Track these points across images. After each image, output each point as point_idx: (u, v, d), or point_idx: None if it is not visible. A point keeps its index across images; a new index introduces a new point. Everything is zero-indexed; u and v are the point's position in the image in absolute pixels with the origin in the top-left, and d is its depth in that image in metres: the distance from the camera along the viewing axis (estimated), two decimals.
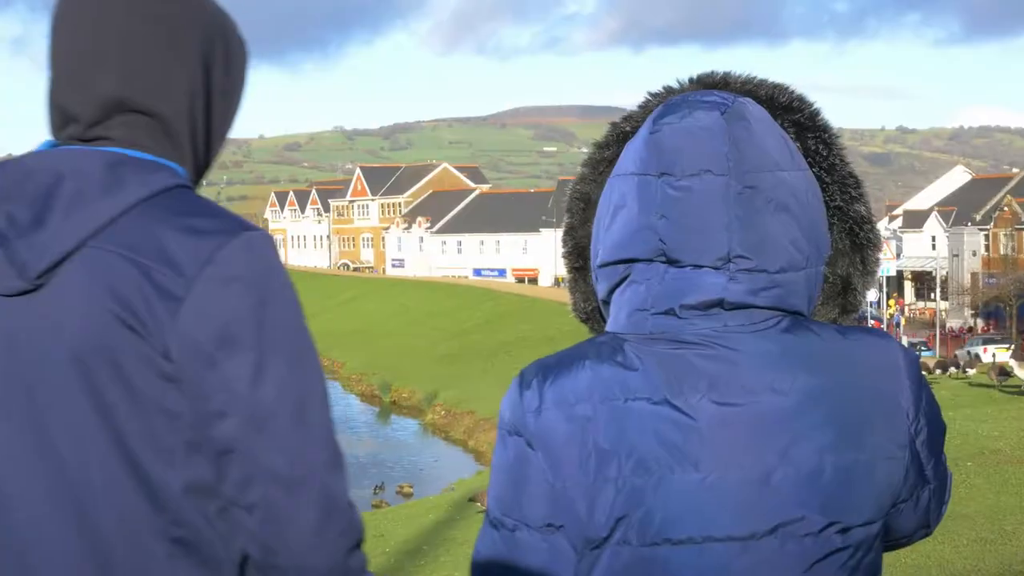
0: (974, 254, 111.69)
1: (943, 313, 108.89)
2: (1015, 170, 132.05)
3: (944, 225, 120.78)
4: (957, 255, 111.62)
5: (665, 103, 2.32)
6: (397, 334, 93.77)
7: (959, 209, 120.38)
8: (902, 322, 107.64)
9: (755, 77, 2.48)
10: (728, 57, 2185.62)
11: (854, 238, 2.44)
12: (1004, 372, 34.43)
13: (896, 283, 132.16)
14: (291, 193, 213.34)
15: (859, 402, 2.18)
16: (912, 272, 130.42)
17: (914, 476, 2.30)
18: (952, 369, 40.87)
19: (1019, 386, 31.74)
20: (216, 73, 2.41)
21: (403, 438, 62.85)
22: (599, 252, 2.31)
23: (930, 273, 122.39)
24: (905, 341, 75.66)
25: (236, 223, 2.23)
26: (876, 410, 2.20)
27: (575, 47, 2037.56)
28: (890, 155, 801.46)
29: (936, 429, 2.34)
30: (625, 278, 2.25)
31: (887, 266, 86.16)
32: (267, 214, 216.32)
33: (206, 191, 2.56)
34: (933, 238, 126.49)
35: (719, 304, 2.17)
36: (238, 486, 2.16)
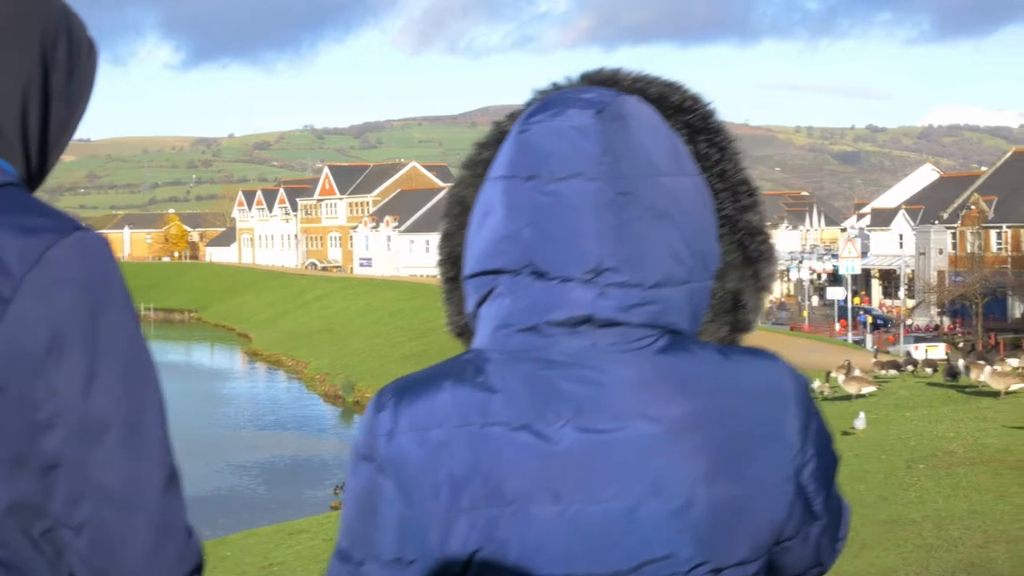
0: (940, 252, 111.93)
1: (903, 311, 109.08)
2: (983, 168, 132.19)
3: (911, 223, 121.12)
4: (923, 253, 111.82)
5: (540, 101, 2.16)
6: (362, 334, 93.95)
7: (926, 207, 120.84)
8: (868, 320, 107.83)
9: (648, 75, 2.28)
10: (700, 56, 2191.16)
11: (745, 250, 2.22)
12: (953, 373, 34.18)
13: (864, 281, 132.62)
14: (259, 192, 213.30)
15: (738, 430, 2.01)
16: (880, 270, 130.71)
17: (801, 512, 2.09)
18: (908, 368, 40.31)
19: (975, 386, 31.45)
20: (56, 76, 2.28)
21: None
22: (467, 262, 2.14)
23: (896, 272, 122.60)
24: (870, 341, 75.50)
25: (69, 223, 2.11)
26: (757, 439, 2.03)
27: (547, 46, 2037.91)
28: (860, 154, 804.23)
29: (826, 461, 2.13)
30: (493, 290, 2.08)
31: (851, 265, 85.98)
32: (235, 213, 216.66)
33: (176, 190, 2.18)
34: (900, 236, 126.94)
35: (587, 321, 2.01)
36: (66, 504, 2.04)
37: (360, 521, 2.05)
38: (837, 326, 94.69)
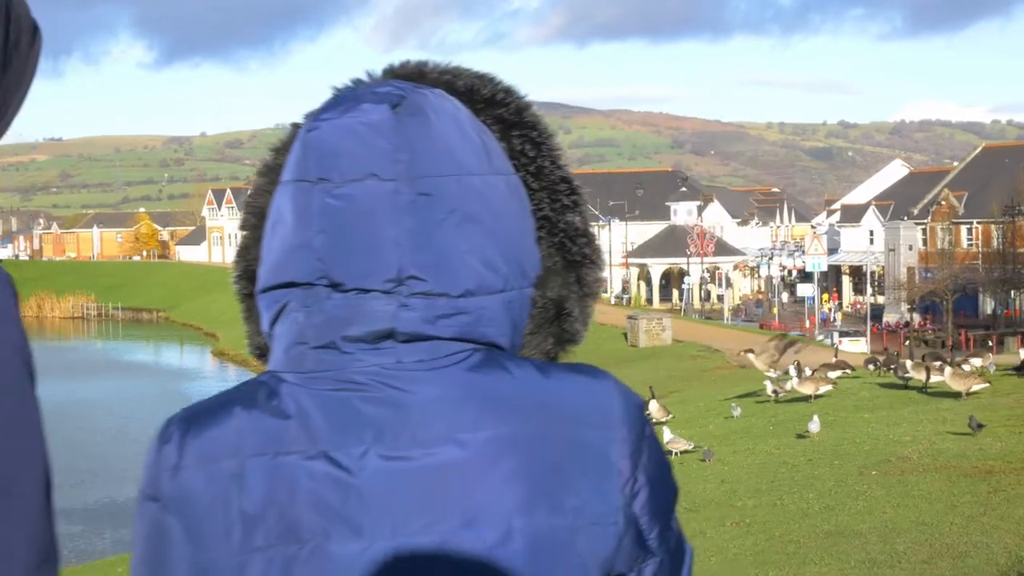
0: (910, 248, 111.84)
1: (867, 307, 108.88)
2: (955, 164, 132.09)
3: (881, 219, 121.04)
4: (893, 250, 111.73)
5: (332, 97, 2.02)
6: None
7: (896, 203, 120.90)
8: (839, 317, 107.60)
9: (458, 67, 2.12)
10: (672, 52, 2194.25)
11: (566, 254, 2.07)
12: (902, 374, 33.55)
13: (835, 278, 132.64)
14: (228, 191, 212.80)
15: (559, 455, 1.84)
16: (850, 267, 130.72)
17: (632, 546, 1.91)
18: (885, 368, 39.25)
19: (930, 388, 30.84)
20: None
21: None
22: (259, 276, 1.98)
23: (864, 268, 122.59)
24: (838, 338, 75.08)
25: None
26: (580, 465, 1.86)
27: (518, 43, 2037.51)
28: (832, 150, 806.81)
29: (661, 490, 1.95)
30: (286, 306, 1.91)
31: (818, 261, 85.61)
32: (204, 212, 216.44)
33: (148, 188, 2.06)
34: (871, 232, 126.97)
35: (390, 336, 1.84)
36: None
37: (149, 568, 1.86)
38: (807, 323, 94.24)
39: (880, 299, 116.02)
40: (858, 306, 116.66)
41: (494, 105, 2.07)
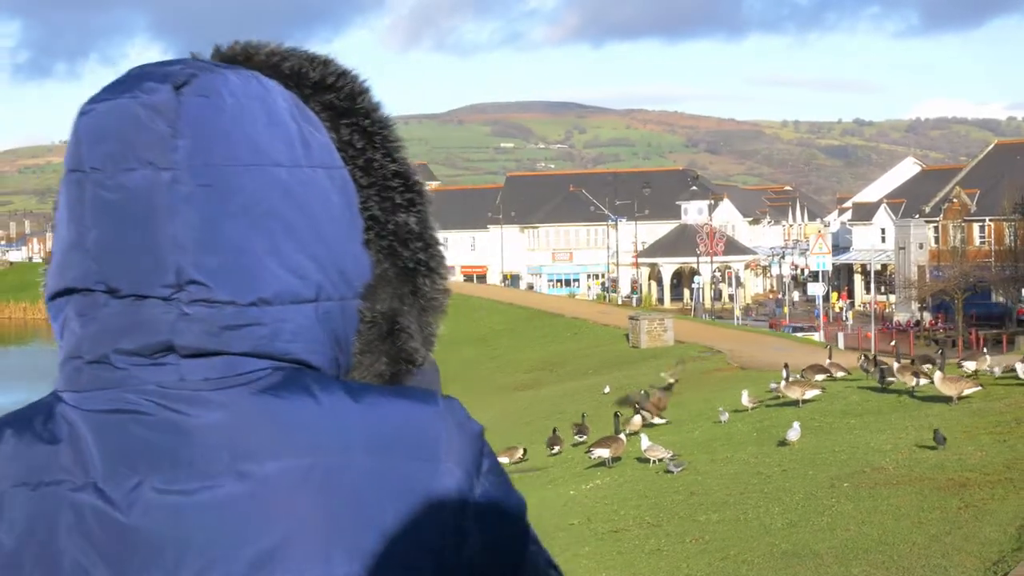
0: (920, 247, 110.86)
1: (887, 307, 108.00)
2: (968, 161, 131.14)
3: (893, 217, 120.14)
4: (903, 248, 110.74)
5: (116, 78, 1.75)
6: None
7: (908, 201, 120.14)
8: (850, 316, 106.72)
9: (290, 48, 1.85)
10: (688, 51, 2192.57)
11: (396, 260, 1.81)
12: (883, 376, 32.52)
13: (847, 276, 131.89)
14: None
15: (364, 493, 1.57)
16: (862, 265, 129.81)
17: None
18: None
19: (933, 392, 29.78)
20: None
21: None
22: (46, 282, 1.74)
23: (883, 266, 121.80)
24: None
25: None
26: (390, 505, 1.57)
27: (535, 43, 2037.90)
28: (847, 148, 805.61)
29: (500, 535, 1.64)
30: (67, 315, 1.69)
31: (822, 261, 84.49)
32: None
33: None
34: (883, 231, 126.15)
35: (169, 349, 1.59)
36: None
37: None
38: (819, 322, 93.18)
39: (892, 298, 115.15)
40: (871, 305, 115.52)
41: (324, 90, 1.81)
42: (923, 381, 29.64)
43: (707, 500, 20.88)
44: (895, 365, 31.93)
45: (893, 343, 36.05)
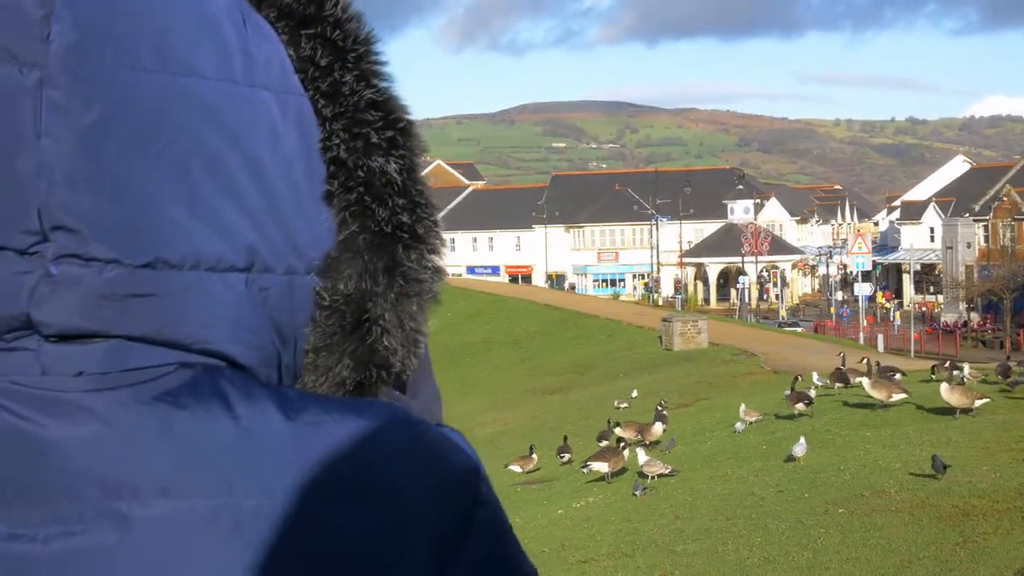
0: (968, 246, 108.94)
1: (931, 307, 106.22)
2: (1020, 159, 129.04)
3: (942, 216, 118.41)
4: (951, 247, 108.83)
5: None
6: None
7: (958, 199, 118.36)
8: (897, 317, 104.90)
9: None
10: (742, 49, 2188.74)
11: (368, 221, 1.31)
12: (842, 379, 30.91)
13: (896, 276, 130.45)
14: None
15: (292, 552, 1.11)
16: (910, 265, 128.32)
17: None
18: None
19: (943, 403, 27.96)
20: None
21: None
22: None
23: (932, 266, 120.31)
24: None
25: None
26: (333, 567, 1.12)
27: (589, 42, 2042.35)
28: (900, 146, 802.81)
29: None
30: None
31: (861, 261, 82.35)
32: None
33: None
34: (931, 229, 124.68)
35: (28, 326, 1.11)
36: None
37: None
38: (864, 322, 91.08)
39: (940, 298, 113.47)
40: (914, 305, 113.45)
41: None
42: (899, 396, 28.44)
43: (690, 527, 19.58)
44: (866, 381, 29.68)
45: (863, 361, 33.75)
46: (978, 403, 26.22)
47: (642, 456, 26.02)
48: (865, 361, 33.82)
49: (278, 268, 1.18)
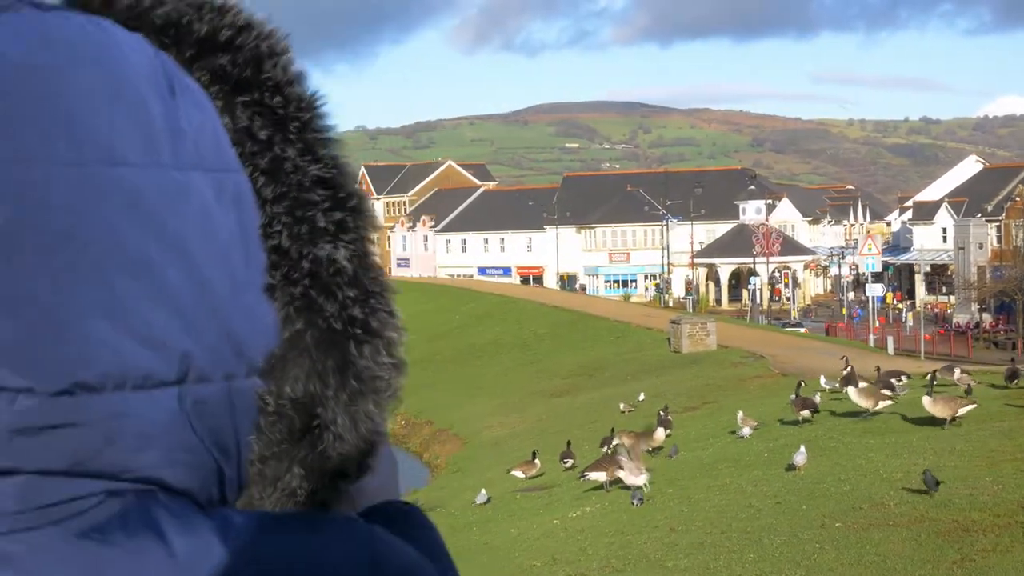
0: (981, 246, 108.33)
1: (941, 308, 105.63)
2: None
3: (954, 216, 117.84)
4: (963, 248, 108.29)
5: None
6: None
7: (970, 200, 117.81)
8: (909, 318, 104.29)
9: None
10: (756, 50, 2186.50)
11: (315, 317, 1.17)
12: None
13: (908, 277, 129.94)
14: None
15: None
16: (920, 265, 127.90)
17: None
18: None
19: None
20: None
21: None
22: None
23: (945, 267, 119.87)
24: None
25: None
26: None
27: (603, 43, 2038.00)
28: (913, 146, 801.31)
29: None
30: None
31: (871, 262, 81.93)
32: None
33: None
34: (944, 230, 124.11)
35: None
36: None
37: None
38: (876, 323, 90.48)
39: (952, 299, 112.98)
40: (924, 306, 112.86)
41: (216, 51, 1.17)
42: (884, 404, 28.23)
43: (684, 540, 19.17)
44: (852, 390, 29.32)
45: (846, 369, 33.36)
46: (963, 411, 25.69)
47: (626, 465, 25.54)
48: (846, 364, 33.52)
49: (215, 375, 1.05)
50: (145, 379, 1.00)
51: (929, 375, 29.50)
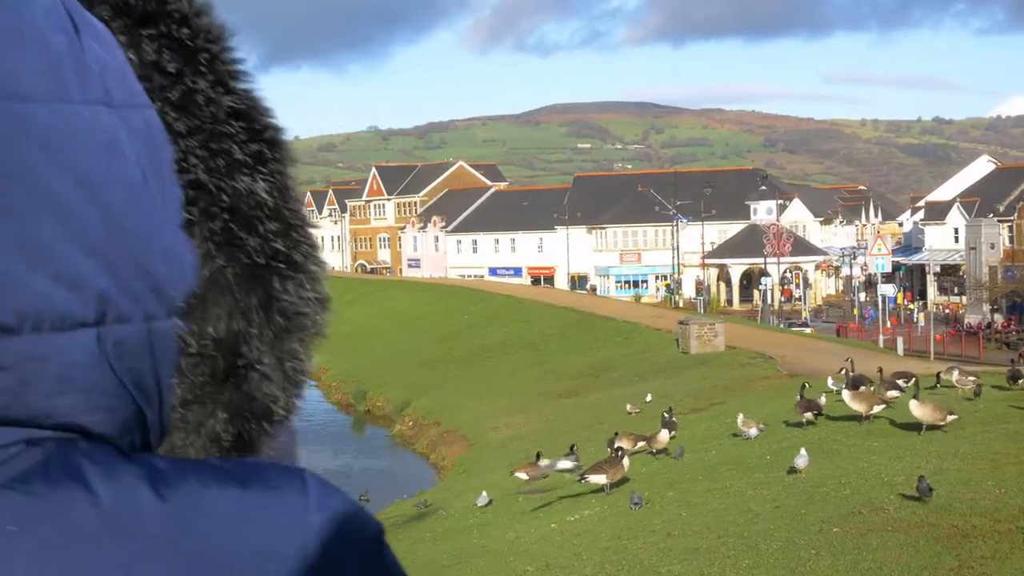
0: (992, 247, 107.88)
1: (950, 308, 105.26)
2: None
3: (966, 216, 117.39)
4: (974, 248, 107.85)
5: None
6: (383, 338, 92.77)
7: (982, 200, 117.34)
8: (920, 318, 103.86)
9: None
10: (768, 50, 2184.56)
11: (236, 252, 1.16)
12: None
13: (920, 277, 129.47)
14: (308, 194, 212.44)
15: None
16: (930, 266, 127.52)
17: None
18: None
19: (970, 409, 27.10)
20: None
21: (371, 449, 61.41)
22: None
23: (957, 267, 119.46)
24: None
25: None
26: None
27: (615, 43, 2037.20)
28: (926, 146, 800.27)
29: None
30: None
31: (881, 262, 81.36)
32: None
33: None
34: (955, 230, 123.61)
35: None
36: None
37: None
38: (887, 323, 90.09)
39: (964, 299, 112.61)
40: (945, 308, 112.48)
41: None
42: (879, 408, 28.03)
43: (680, 545, 18.88)
44: (847, 393, 28.92)
45: (844, 367, 33.05)
46: (950, 418, 25.35)
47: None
48: (851, 367, 33.16)
49: (135, 315, 0.99)
50: (63, 320, 0.95)
51: (935, 376, 29.30)
